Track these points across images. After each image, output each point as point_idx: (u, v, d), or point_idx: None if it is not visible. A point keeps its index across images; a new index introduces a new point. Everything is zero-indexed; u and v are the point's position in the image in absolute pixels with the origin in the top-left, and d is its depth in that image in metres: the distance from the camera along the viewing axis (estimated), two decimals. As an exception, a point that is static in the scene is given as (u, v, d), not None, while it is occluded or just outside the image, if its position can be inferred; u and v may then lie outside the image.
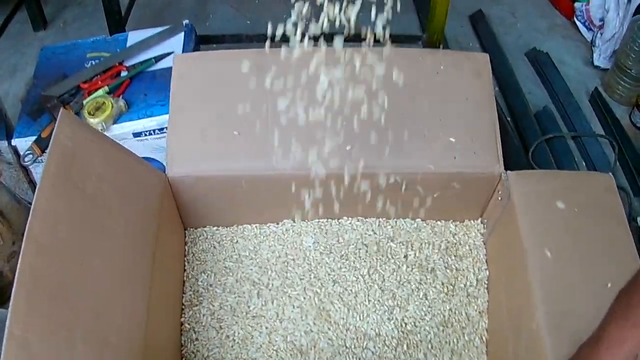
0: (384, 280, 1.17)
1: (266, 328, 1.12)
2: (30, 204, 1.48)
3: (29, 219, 0.82)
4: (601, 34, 2.20)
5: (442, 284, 1.18)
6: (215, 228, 1.25)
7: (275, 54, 1.01)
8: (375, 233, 1.24)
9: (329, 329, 1.12)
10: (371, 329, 1.12)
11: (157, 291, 0.98)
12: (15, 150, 1.50)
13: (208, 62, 1.21)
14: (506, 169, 1.16)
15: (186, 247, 1.23)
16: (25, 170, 1.55)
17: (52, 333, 0.77)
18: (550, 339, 0.92)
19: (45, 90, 1.54)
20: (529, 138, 1.85)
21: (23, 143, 1.47)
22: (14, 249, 1.41)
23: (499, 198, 1.16)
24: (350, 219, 1.25)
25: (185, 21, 1.72)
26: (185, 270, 1.20)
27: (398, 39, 1.86)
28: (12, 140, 1.48)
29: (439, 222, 1.27)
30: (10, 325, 0.72)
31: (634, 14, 2.07)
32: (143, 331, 0.90)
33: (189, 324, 1.13)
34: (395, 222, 1.25)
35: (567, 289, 0.97)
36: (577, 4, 2.37)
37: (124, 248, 0.95)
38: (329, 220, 1.25)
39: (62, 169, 0.90)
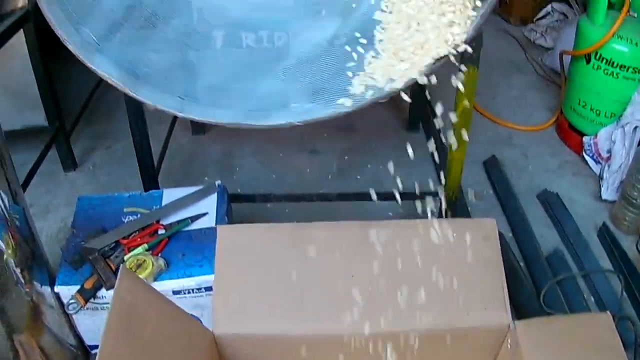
0: None
1: None
2: (73, 346, 1.67)
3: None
4: (609, 166, 2.39)
5: None
6: (255, 386, 1.43)
7: (309, 228, 1.24)
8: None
9: None
10: None
11: None
12: (57, 297, 1.65)
13: (248, 233, 1.44)
14: (519, 315, 1.37)
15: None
16: (67, 316, 1.69)
17: None
18: None
19: (86, 243, 1.72)
20: (540, 281, 2.04)
21: (66, 291, 1.63)
22: (57, 388, 1.59)
23: (509, 346, 1.35)
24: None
25: (218, 182, 1.92)
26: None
27: (415, 196, 2.06)
28: (55, 287, 1.64)
29: (454, 374, 1.45)
30: None
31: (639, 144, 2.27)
32: None
33: None
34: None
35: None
36: (585, 138, 2.58)
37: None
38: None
39: (123, 318, 1.12)
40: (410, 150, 1.25)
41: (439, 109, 1.36)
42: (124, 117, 1.96)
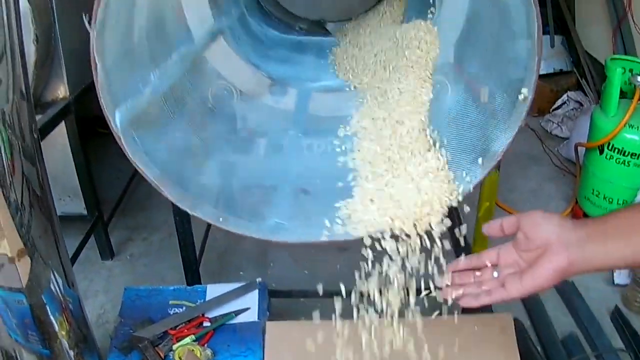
0: None
1: None
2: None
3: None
4: (621, 253, 2.59)
5: None
6: None
7: (355, 325, 1.45)
8: None
9: None
10: None
11: None
12: (108, 379, 1.85)
13: (296, 329, 1.66)
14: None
15: None
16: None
17: None
18: None
19: (134, 331, 1.93)
20: (557, 364, 2.27)
21: (116, 374, 1.84)
22: None
23: None
24: None
25: (259, 279, 2.11)
26: None
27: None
28: (105, 372, 1.84)
29: None
30: None
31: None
32: None
33: None
34: None
35: None
36: (601, 225, 2.78)
37: None
38: None
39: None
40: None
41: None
42: (158, 210, 2.09)
